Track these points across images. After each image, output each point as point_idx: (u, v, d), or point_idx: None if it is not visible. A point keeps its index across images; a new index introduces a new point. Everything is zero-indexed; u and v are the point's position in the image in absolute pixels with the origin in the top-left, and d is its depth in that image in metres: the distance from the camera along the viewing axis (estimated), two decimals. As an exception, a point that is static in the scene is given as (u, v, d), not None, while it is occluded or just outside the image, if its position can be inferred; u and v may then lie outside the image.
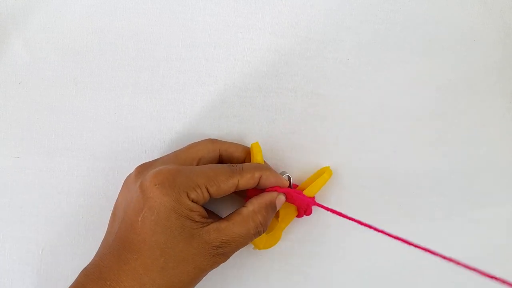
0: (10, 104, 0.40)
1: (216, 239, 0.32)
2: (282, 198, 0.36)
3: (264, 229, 0.34)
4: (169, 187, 0.31)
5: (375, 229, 0.34)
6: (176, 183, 0.31)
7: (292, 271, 0.40)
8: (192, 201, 0.32)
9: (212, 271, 0.33)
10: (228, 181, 0.33)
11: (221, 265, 0.33)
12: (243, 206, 0.34)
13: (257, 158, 0.37)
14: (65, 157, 0.40)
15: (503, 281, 0.40)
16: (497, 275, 0.41)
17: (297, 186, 0.39)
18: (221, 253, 0.32)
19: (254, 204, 0.34)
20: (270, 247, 0.38)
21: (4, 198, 0.39)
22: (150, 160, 0.38)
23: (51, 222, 0.39)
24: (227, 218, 0.33)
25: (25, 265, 0.39)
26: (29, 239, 0.39)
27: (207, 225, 0.32)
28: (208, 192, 0.32)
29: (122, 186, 0.35)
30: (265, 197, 0.35)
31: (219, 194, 0.33)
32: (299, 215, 0.38)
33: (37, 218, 0.39)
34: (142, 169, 0.34)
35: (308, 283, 0.40)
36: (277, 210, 0.36)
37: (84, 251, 0.39)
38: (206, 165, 0.35)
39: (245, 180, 0.34)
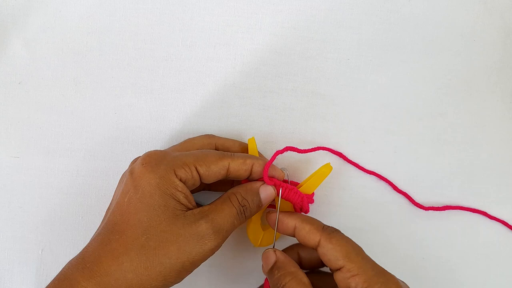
0: (10, 104, 0.40)
1: (201, 218, 0.31)
2: (268, 188, 0.35)
3: (245, 210, 0.33)
4: (156, 165, 0.31)
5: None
6: (163, 162, 0.31)
7: (292, 271, 0.40)
8: (180, 179, 0.31)
9: (212, 270, 0.33)
10: (218, 162, 0.33)
11: (221, 264, 0.32)
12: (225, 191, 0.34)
13: (252, 152, 0.37)
14: (65, 157, 0.40)
15: None
16: (498, 275, 0.41)
17: (297, 183, 0.39)
18: (207, 233, 0.31)
19: (234, 188, 0.34)
20: (268, 244, 0.38)
21: (4, 198, 0.39)
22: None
23: (51, 222, 0.39)
24: (210, 204, 0.33)
25: (25, 265, 0.39)
26: (29, 239, 0.39)
27: (192, 210, 0.31)
28: (198, 172, 0.32)
29: (118, 182, 0.35)
30: (248, 183, 0.35)
31: (209, 175, 0.32)
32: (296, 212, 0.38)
33: (37, 218, 0.39)
34: (135, 159, 0.35)
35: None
36: (264, 199, 0.35)
37: (84, 251, 0.39)
38: (197, 150, 0.35)
39: (236, 164, 0.33)
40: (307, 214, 0.37)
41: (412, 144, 0.41)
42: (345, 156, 0.40)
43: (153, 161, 0.31)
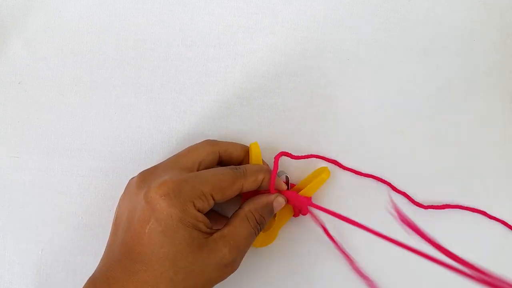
0: (10, 104, 0.40)
1: (224, 246, 0.32)
2: (281, 200, 0.36)
3: (261, 228, 0.35)
4: (175, 198, 0.31)
5: (370, 230, 0.35)
6: (182, 194, 0.31)
7: (292, 271, 0.40)
8: (198, 210, 0.32)
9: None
10: (233, 186, 0.33)
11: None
12: (239, 208, 0.35)
13: (256, 158, 0.37)
14: (65, 157, 0.40)
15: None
16: (498, 275, 0.41)
17: (294, 185, 0.39)
18: (230, 261, 0.32)
19: (250, 205, 0.35)
20: (266, 245, 0.38)
21: (4, 198, 0.39)
22: (150, 160, 0.38)
23: (51, 222, 0.39)
24: (227, 223, 0.33)
25: (25, 265, 0.39)
26: (29, 239, 0.39)
27: (212, 235, 0.32)
28: (213, 199, 0.32)
29: (124, 193, 0.35)
30: (262, 198, 0.35)
31: (224, 199, 0.33)
32: (295, 215, 0.38)
33: (37, 218, 0.39)
34: (144, 177, 0.34)
35: (308, 283, 0.40)
36: (275, 212, 0.36)
37: (84, 251, 0.39)
38: (210, 170, 0.34)
39: (249, 184, 0.34)
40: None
41: (412, 144, 0.41)
42: (340, 164, 0.40)
43: (171, 192, 0.31)
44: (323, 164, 0.40)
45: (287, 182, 0.37)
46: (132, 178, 0.35)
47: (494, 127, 0.41)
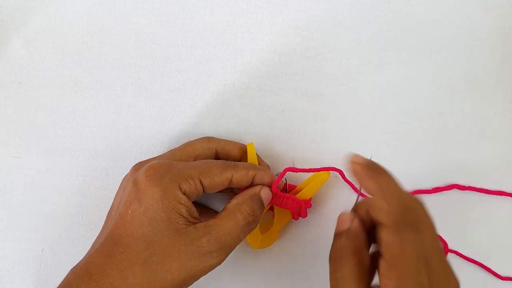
0: (10, 104, 0.40)
1: (204, 235, 0.31)
2: (267, 191, 0.35)
3: (254, 219, 0.33)
4: (160, 178, 0.31)
5: None
6: (167, 174, 0.31)
7: (292, 271, 0.40)
8: (184, 193, 0.31)
9: (211, 271, 0.32)
10: (222, 174, 0.33)
11: (221, 264, 0.32)
12: (229, 202, 0.34)
13: (251, 158, 0.37)
14: (65, 157, 0.40)
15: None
16: (498, 273, 0.41)
17: (295, 187, 0.39)
18: (210, 251, 0.31)
19: (238, 198, 0.34)
20: (265, 247, 0.38)
21: (4, 198, 0.39)
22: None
23: (51, 222, 0.39)
24: (215, 216, 0.33)
25: (25, 265, 0.39)
26: (29, 239, 0.39)
27: (195, 224, 0.31)
28: (202, 184, 0.32)
29: (119, 187, 0.35)
30: (249, 190, 0.34)
31: (213, 187, 0.33)
32: (294, 218, 0.38)
33: (37, 218, 0.39)
34: (137, 167, 0.34)
35: (308, 283, 0.40)
36: (265, 203, 0.35)
37: (84, 251, 0.39)
38: (201, 160, 0.34)
39: (239, 176, 0.33)
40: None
41: (412, 144, 0.41)
42: (343, 173, 0.39)
43: (157, 173, 0.31)
44: (327, 162, 0.40)
45: (285, 186, 0.37)
46: (127, 173, 0.35)
47: (494, 127, 0.41)
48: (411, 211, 0.29)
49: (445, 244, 0.39)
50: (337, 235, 0.32)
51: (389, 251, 0.28)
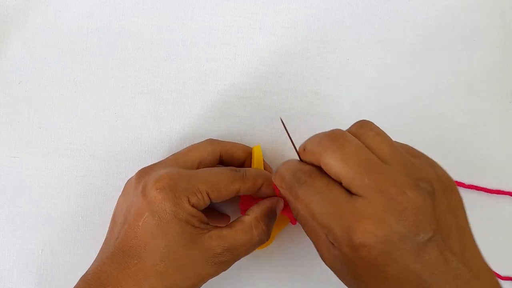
0: (10, 104, 0.40)
1: (218, 246, 0.31)
2: (281, 204, 0.35)
3: (267, 238, 0.34)
4: (171, 192, 0.31)
5: None
6: (177, 188, 0.31)
7: (292, 271, 0.40)
8: (192, 206, 0.31)
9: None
10: (229, 187, 0.33)
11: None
12: (246, 214, 0.34)
13: (257, 162, 0.37)
14: (65, 157, 0.40)
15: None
16: (498, 273, 0.41)
17: None
18: (222, 261, 0.31)
19: (256, 212, 0.34)
20: (263, 248, 0.38)
21: (4, 198, 0.39)
22: (150, 160, 0.38)
23: (51, 222, 0.39)
24: (229, 225, 0.33)
25: (25, 265, 0.39)
26: (29, 239, 0.39)
27: (208, 231, 0.32)
28: (209, 197, 0.32)
29: (122, 191, 0.35)
30: (266, 204, 0.34)
31: (219, 199, 0.33)
32: (292, 223, 0.38)
33: (37, 218, 0.39)
34: (143, 174, 0.34)
35: (308, 283, 0.40)
36: (277, 216, 0.35)
37: (84, 251, 0.39)
38: (208, 168, 0.34)
39: (247, 187, 0.34)
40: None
41: (412, 144, 0.41)
42: None
43: (167, 186, 0.31)
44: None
45: None
46: (131, 177, 0.35)
47: (494, 127, 0.41)
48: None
49: None
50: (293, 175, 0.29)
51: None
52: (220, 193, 0.33)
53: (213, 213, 0.39)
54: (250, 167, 0.37)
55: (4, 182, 0.39)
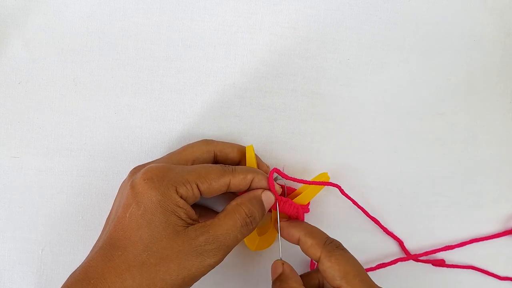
0: (10, 104, 0.40)
1: (201, 235, 0.31)
2: (269, 194, 0.35)
3: (252, 221, 0.33)
4: (158, 182, 0.31)
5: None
6: (165, 178, 0.31)
7: (292, 271, 0.40)
8: (181, 197, 0.31)
9: (211, 271, 0.32)
10: (220, 179, 0.33)
11: (220, 265, 0.32)
12: (228, 204, 0.34)
13: (250, 161, 0.37)
14: (65, 157, 0.40)
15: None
16: (497, 274, 0.41)
17: (295, 190, 0.39)
18: (207, 250, 0.31)
19: (238, 199, 0.34)
20: (264, 248, 0.38)
21: (4, 198, 0.39)
22: (150, 160, 0.38)
23: (51, 222, 0.39)
24: (213, 217, 0.33)
25: (25, 265, 0.39)
26: (29, 239, 0.39)
27: (193, 225, 0.31)
28: (199, 189, 0.32)
29: (118, 191, 0.35)
30: (250, 193, 0.35)
31: (210, 192, 0.33)
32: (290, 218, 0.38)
33: (37, 218, 0.39)
34: (136, 170, 0.34)
35: (308, 283, 0.40)
36: (266, 207, 0.35)
37: (84, 251, 0.39)
38: (199, 164, 0.34)
39: (237, 181, 0.34)
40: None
41: (412, 144, 0.41)
42: (342, 189, 0.39)
43: (154, 177, 0.31)
44: (327, 163, 0.40)
45: (283, 190, 0.37)
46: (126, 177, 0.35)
47: (494, 127, 0.41)
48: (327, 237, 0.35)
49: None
50: (274, 282, 0.35)
51: (332, 271, 0.32)
52: (210, 184, 0.32)
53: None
54: None
55: (4, 182, 0.39)
